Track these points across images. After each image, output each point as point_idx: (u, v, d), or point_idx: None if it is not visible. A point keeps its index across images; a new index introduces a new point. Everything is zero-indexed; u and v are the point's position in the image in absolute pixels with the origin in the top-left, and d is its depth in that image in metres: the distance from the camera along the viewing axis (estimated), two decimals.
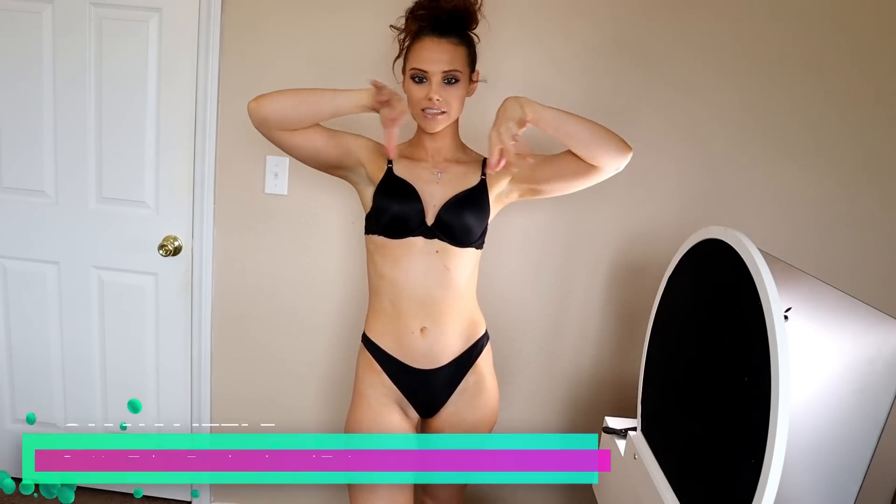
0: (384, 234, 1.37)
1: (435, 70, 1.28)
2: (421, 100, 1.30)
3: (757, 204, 1.74)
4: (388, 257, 1.37)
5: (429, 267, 1.35)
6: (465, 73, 1.33)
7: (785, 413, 0.81)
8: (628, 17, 1.67)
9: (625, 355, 1.85)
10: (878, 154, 1.70)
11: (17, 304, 1.96)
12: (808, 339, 1.09)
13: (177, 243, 1.87)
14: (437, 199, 1.37)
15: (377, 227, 1.37)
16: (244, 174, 1.81)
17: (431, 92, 1.29)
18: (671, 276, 1.30)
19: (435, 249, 1.36)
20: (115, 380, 2.00)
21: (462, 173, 1.41)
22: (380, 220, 1.36)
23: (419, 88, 1.31)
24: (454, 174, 1.40)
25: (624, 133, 1.66)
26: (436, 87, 1.29)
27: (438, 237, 1.35)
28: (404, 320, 1.38)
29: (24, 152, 1.84)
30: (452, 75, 1.30)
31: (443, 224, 1.35)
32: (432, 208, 1.36)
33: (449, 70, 1.29)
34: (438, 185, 1.38)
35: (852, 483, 0.99)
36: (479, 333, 1.47)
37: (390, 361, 1.41)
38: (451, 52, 1.30)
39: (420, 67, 1.29)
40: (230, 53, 1.74)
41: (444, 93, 1.30)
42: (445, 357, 1.41)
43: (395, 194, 1.36)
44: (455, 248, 1.37)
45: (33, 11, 1.74)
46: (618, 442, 1.46)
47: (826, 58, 1.65)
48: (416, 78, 1.31)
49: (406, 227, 1.34)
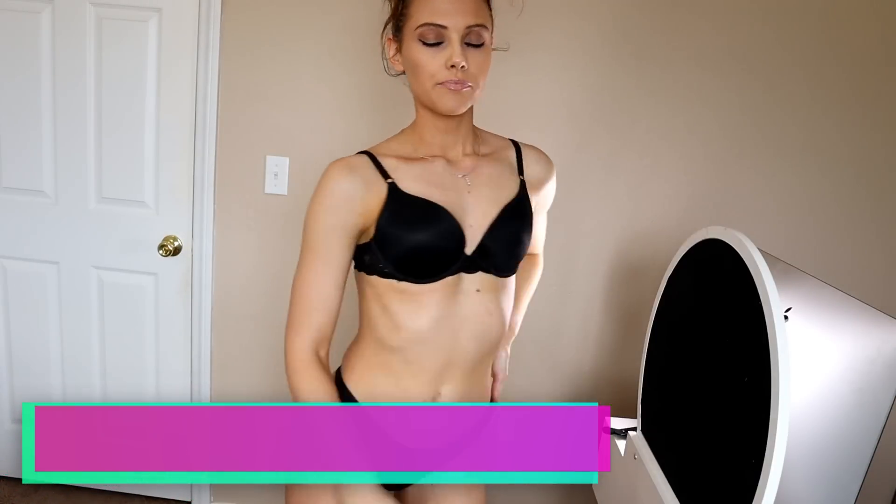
0: (405, 277, 0.97)
1: (457, 24, 0.92)
2: (438, 69, 0.93)
3: (757, 204, 1.74)
4: (410, 303, 0.98)
5: (467, 313, 0.99)
6: (490, 32, 0.98)
7: (785, 413, 0.81)
8: (628, 18, 1.66)
9: (625, 355, 1.85)
10: (879, 154, 1.70)
11: (17, 304, 1.96)
12: (808, 339, 1.09)
13: (177, 243, 1.87)
14: (476, 217, 1.00)
15: (388, 266, 0.97)
16: (244, 174, 1.81)
17: (454, 55, 0.92)
18: (671, 276, 1.30)
19: (475, 287, 1.00)
20: (115, 379, 2.00)
21: (496, 174, 1.05)
22: (392, 257, 0.96)
23: (433, 54, 0.93)
24: (485, 176, 1.04)
25: (624, 133, 1.68)
26: (458, 49, 0.92)
27: (483, 269, 1.00)
28: (416, 383, 1.01)
29: (23, 152, 1.84)
30: (478, 34, 0.94)
31: (488, 250, 0.99)
32: (469, 230, 0.99)
33: (475, 25, 0.93)
34: (471, 196, 1.01)
35: (852, 483, 0.99)
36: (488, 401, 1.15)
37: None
38: (473, 1, 0.94)
39: (435, 22, 0.91)
40: (230, 53, 1.74)
41: (469, 57, 0.93)
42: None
43: (415, 218, 0.96)
44: (500, 280, 1.03)
45: (33, 11, 1.74)
46: (618, 442, 1.46)
47: (826, 58, 1.65)
48: (427, 40, 0.93)
49: (439, 263, 0.96)
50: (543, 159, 1.15)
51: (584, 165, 1.74)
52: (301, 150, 1.78)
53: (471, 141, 1.06)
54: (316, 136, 1.77)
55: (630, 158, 1.73)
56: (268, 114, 1.77)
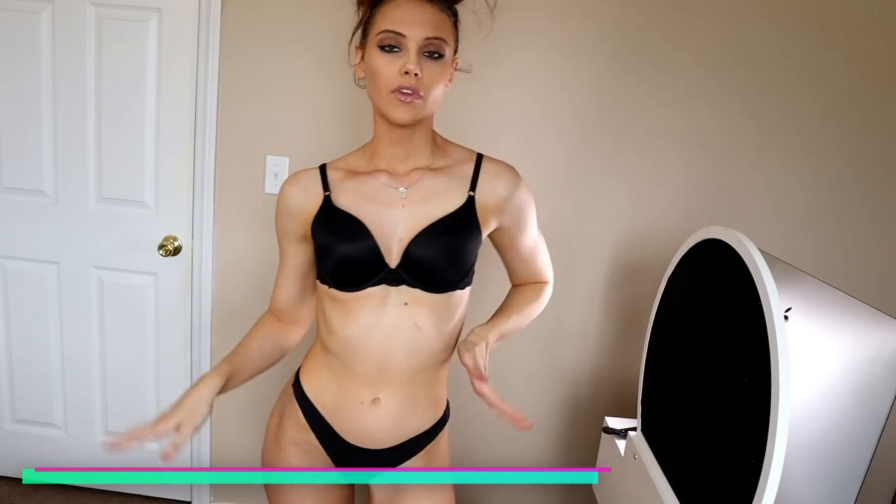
0: (334, 285, 1.03)
1: (415, 35, 0.94)
2: (393, 76, 0.95)
3: (757, 204, 1.74)
4: (341, 310, 1.04)
5: (394, 324, 1.02)
6: (451, 48, 1.00)
7: (785, 413, 0.81)
8: (629, 19, 1.66)
9: (625, 355, 1.85)
10: (879, 154, 1.70)
11: (16, 304, 1.96)
12: (808, 339, 1.09)
13: (177, 243, 1.87)
14: (403, 230, 1.01)
15: (325, 274, 1.05)
16: (244, 174, 1.81)
17: (409, 62, 0.94)
18: (671, 276, 1.30)
19: (403, 301, 1.02)
20: (115, 379, 2.00)
21: (440, 188, 1.04)
22: (326, 266, 1.04)
23: (390, 60, 0.95)
24: (427, 190, 1.04)
25: (624, 133, 1.67)
26: (414, 57, 0.94)
27: (408, 283, 1.01)
28: (355, 387, 1.06)
29: (23, 152, 1.84)
30: (437, 47, 0.96)
31: (413, 265, 1.01)
32: (397, 243, 1.01)
33: (433, 37, 0.95)
34: (404, 210, 1.02)
35: (852, 483, 0.99)
36: (440, 412, 1.15)
37: (323, 426, 1.11)
38: (435, 16, 0.97)
39: (394, 29, 0.94)
40: (230, 53, 1.74)
41: (424, 68, 0.95)
42: (395, 438, 1.09)
43: (336, 230, 1.02)
44: (433, 295, 1.03)
45: (32, 11, 1.74)
46: (618, 442, 1.46)
47: (826, 58, 1.65)
48: (386, 46, 0.95)
49: (360, 274, 1.01)
50: (505, 175, 1.09)
51: (584, 165, 1.75)
52: (301, 150, 1.78)
53: (426, 153, 1.07)
54: (316, 136, 1.77)
55: (630, 158, 1.73)
56: (268, 114, 1.77)
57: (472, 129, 1.74)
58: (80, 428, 2.04)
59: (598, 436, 1.73)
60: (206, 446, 2.01)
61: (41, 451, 2.07)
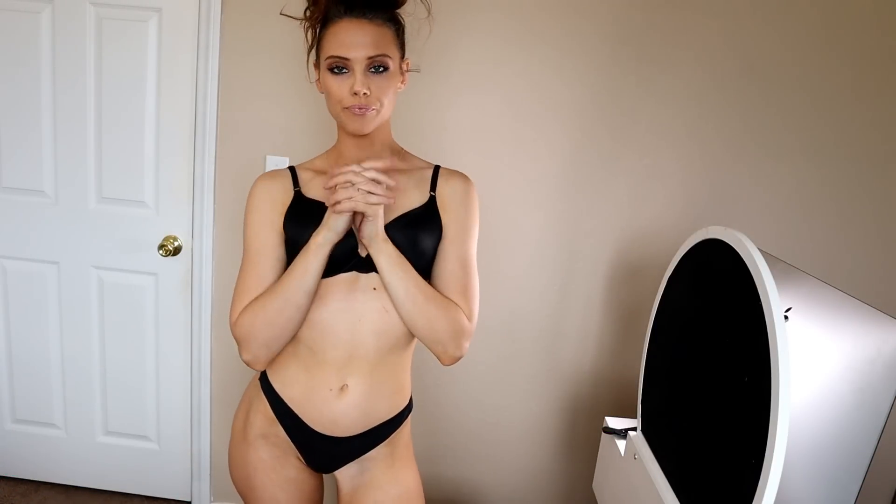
0: None
1: (358, 56, 1.03)
2: (345, 95, 1.05)
3: (757, 204, 1.74)
4: None
5: (364, 308, 1.09)
6: (396, 58, 1.09)
7: (785, 413, 0.81)
8: (629, 19, 1.66)
9: (625, 355, 1.85)
10: (879, 154, 1.70)
11: (16, 305, 1.96)
12: (808, 339, 1.09)
13: (177, 243, 1.87)
14: None
15: None
16: (244, 174, 1.81)
17: (356, 84, 1.04)
18: (671, 276, 1.30)
19: (372, 286, 1.09)
20: (115, 379, 2.00)
21: (403, 185, 1.13)
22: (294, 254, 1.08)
23: (340, 81, 1.05)
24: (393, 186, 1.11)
25: (624, 134, 1.66)
26: (360, 78, 1.04)
27: (377, 270, 1.07)
28: (323, 374, 1.11)
29: (23, 152, 1.84)
30: (380, 62, 1.05)
31: None
32: None
33: (375, 55, 1.04)
34: None
35: (852, 483, 0.99)
36: (405, 400, 1.21)
37: (291, 417, 1.15)
38: (374, 33, 1.05)
39: (339, 55, 1.04)
40: (230, 53, 1.74)
41: (371, 83, 1.05)
42: (363, 425, 1.14)
43: (310, 219, 1.07)
44: None
45: (32, 11, 1.74)
46: (618, 442, 1.46)
47: (825, 58, 1.65)
48: (335, 68, 1.05)
49: (331, 262, 1.06)
50: (460, 176, 1.17)
51: (584, 165, 1.75)
52: (301, 150, 1.78)
53: (387, 155, 1.16)
54: (316, 136, 1.77)
55: (630, 158, 1.73)
56: (268, 114, 1.77)
57: (472, 129, 1.74)
58: (80, 428, 2.04)
59: (598, 436, 1.73)
60: (206, 446, 2.02)
61: (41, 451, 2.07)
